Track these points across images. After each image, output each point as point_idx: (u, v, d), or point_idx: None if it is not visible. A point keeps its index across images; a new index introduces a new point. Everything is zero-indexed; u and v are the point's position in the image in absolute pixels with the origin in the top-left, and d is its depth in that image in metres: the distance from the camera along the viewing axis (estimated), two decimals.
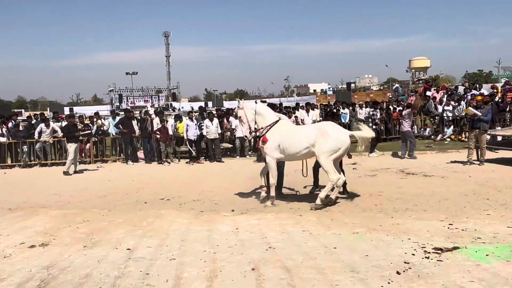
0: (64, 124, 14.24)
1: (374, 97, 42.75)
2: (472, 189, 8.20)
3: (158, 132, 14.10)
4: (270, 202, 7.49)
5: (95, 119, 16.29)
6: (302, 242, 5.15)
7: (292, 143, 7.34)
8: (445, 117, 17.25)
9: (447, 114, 17.26)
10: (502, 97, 17.21)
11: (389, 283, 3.84)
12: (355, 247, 4.89)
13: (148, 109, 16.03)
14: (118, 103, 59.89)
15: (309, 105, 17.36)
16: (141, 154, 14.68)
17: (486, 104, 11.39)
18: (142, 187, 9.87)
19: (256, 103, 7.98)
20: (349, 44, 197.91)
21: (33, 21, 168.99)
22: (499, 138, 13.04)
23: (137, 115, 16.07)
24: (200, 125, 14.32)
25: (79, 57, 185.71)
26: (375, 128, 14.29)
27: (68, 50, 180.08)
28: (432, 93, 19.70)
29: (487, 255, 4.43)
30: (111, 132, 15.52)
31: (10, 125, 14.93)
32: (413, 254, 4.55)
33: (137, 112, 17.44)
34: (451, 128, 16.82)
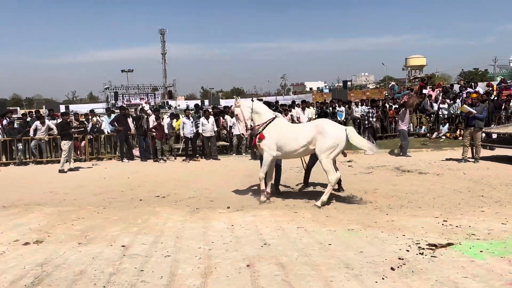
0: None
1: (370, 95, 42.83)
2: (466, 186, 8.24)
3: (153, 130, 14.07)
4: (262, 197, 7.51)
5: (90, 117, 16.23)
6: (297, 239, 5.15)
7: (289, 141, 7.31)
8: (441, 115, 17.31)
9: (443, 112, 17.32)
10: (497, 95, 17.28)
11: (383, 279, 3.85)
12: (350, 243, 4.90)
13: (143, 105, 15.90)
14: (114, 101, 59.64)
15: (305, 103, 17.32)
16: (136, 151, 14.64)
17: (482, 102, 11.45)
18: (138, 184, 9.84)
19: (253, 101, 7.92)
20: (345, 42, 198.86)
21: (29, 19, 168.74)
22: (494, 136, 13.11)
23: (132, 113, 15.94)
24: (196, 123, 14.32)
25: (75, 54, 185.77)
26: (371, 125, 14.28)
27: (64, 48, 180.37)
28: (427, 91, 19.80)
29: (481, 251, 4.45)
30: (106, 130, 15.45)
31: (4, 122, 14.85)
32: (408, 251, 4.56)
33: (132, 110, 17.28)
34: (446, 126, 16.89)
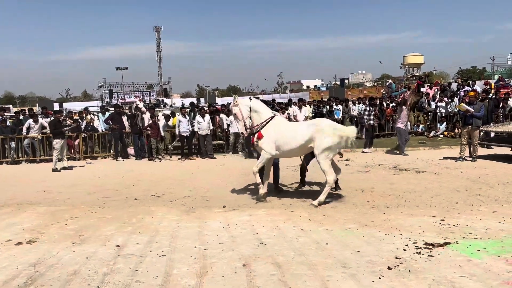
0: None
1: (367, 94, 42.86)
2: (464, 185, 8.22)
3: (148, 128, 13.99)
4: (261, 190, 7.47)
5: (84, 115, 16.12)
6: (294, 238, 5.11)
7: (288, 140, 7.27)
8: (438, 114, 17.31)
9: (440, 110, 17.32)
10: (495, 94, 17.29)
11: (380, 278, 3.81)
12: (347, 243, 4.86)
13: (137, 103, 15.80)
14: (108, 99, 59.31)
15: (301, 101, 17.31)
16: (131, 150, 14.55)
17: (482, 101, 11.42)
18: (132, 183, 9.77)
19: (251, 99, 7.84)
20: (343, 40, 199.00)
21: (22, 15, 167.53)
22: (492, 134, 13.10)
23: (127, 111, 15.82)
24: (192, 122, 14.22)
25: (69, 52, 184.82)
26: (369, 123, 14.24)
27: (58, 45, 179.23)
28: (425, 90, 19.78)
29: (478, 250, 4.41)
30: (101, 128, 15.34)
31: None
32: (405, 250, 4.52)
33: (126, 108, 17.17)
34: (444, 124, 16.88)
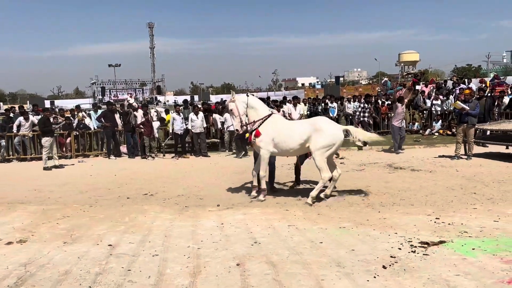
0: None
1: (363, 91, 42.90)
2: (459, 184, 8.22)
3: (141, 126, 13.89)
4: (262, 196, 7.40)
5: (76, 113, 15.96)
6: (288, 237, 5.08)
7: (286, 138, 7.22)
8: (434, 112, 17.32)
9: (436, 108, 17.32)
10: (491, 92, 17.34)
11: (375, 277, 3.79)
12: (342, 241, 4.84)
13: (128, 100, 15.66)
14: (101, 96, 59.05)
15: (296, 99, 17.26)
16: (124, 148, 14.41)
17: (479, 99, 11.41)
18: (125, 182, 9.67)
19: (248, 96, 7.77)
20: (338, 37, 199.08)
21: (13, 11, 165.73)
22: (488, 132, 13.11)
23: (119, 108, 15.67)
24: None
25: (60, 48, 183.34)
26: (365, 120, 14.22)
27: (49, 42, 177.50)
28: (421, 87, 19.79)
29: (473, 249, 4.41)
30: (93, 126, 15.21)
31: None
32: (400, 249, 4.51)
33: (119, 106, 17.03)
34: (439, 122, 16.91)
